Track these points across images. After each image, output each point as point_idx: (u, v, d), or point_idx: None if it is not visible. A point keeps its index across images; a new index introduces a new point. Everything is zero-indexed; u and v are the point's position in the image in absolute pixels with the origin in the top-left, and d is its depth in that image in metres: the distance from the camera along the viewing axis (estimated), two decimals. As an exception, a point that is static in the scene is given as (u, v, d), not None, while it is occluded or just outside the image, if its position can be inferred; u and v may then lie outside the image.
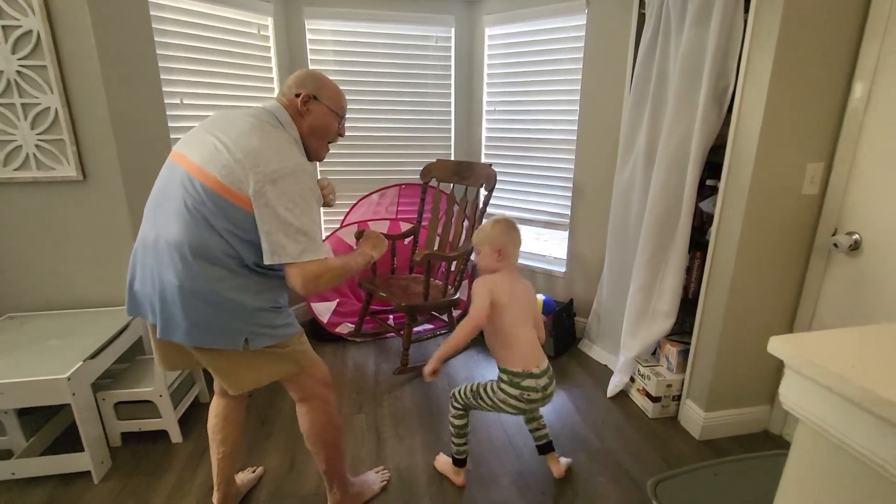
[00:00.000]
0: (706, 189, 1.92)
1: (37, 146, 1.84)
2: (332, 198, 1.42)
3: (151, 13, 1.99)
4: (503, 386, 1.46)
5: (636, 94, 2.07)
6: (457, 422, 1.60)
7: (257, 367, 1.21)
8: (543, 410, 2.07)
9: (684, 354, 1.96)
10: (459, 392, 1.58)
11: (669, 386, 1.97)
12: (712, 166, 1.86)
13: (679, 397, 1.99)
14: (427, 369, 1.45)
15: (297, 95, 1.22)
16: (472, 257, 1.54)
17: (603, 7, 2.27)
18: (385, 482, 1.64)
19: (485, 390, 1.51)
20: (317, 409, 1.34)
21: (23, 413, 1.74)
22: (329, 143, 1.32)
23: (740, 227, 1.66)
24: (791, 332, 1.82)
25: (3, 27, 1.72)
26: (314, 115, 1.24)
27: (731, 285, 1.72)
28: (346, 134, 2.69)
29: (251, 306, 1.13)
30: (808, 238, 1.73)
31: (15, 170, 1.85)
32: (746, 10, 1.59)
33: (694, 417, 1.91)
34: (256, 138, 1.09)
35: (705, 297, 1.83)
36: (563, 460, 1.71)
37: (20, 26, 1.72)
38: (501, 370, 1.48)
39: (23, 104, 1.80)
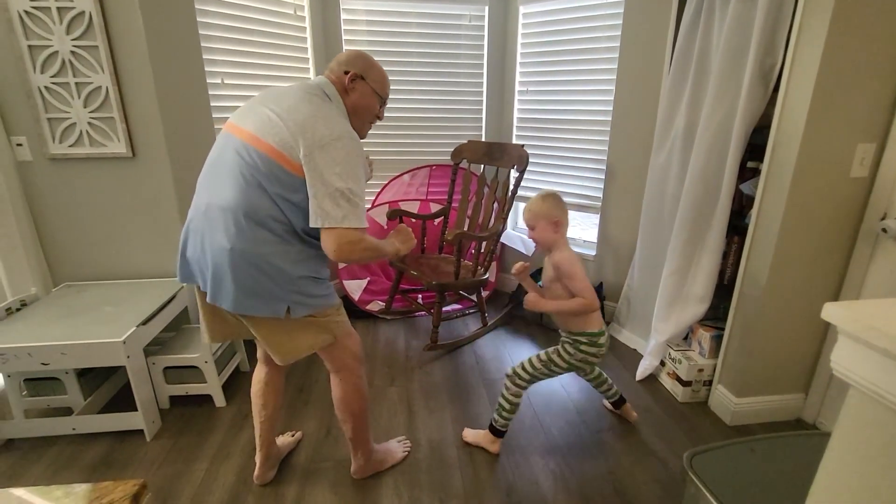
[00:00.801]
0: (747, 171, 1.87)
1: (89, 123, 1.94)
2: (371, 170, 1.46)
3: (195, -6, 2.04)
4: (583, 347, 1.55)
5: (676, 73, 2.02)
6: (514, 399, 1.65)
7: (298, 336, 1.27)
8: (574, 385, 2.09)
9: (717, 339, 1.94)
10: (523, 368, 1.63)
11: (701, 370, 1.96)
12: (754, 147, 1.80)
13: (710, 382, 1.98)
14: (521, 268, 1.60)
15: (346, 73, 1.26)
16: (527, 234, 1.58)
17: (643, -18, 2.20)
18: (407, 451, 1.70)
19: (558, 356, 1.59)
20: (346, 381, 1.40)
21: (81, 374, 1.86)
22: (370, 122, 1.36)
23: (783, 211, 1.61)
24: (831, 318, 1.78)
25: (59, 8, 1.80)
26: (359, 93, 1.28)
27: (770, 270, 1.68)
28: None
29: (294, 274, 1.18)
30: (854, 222, 1.67)
31: (70, 146, 1.95)
32: (799, -17, 1.53)
33: (725, 403, 1.89)
34: (306, 108, 1.14)
35: (742, 282, 1.80)
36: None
37: (73, 7, 1.80)
38: (579, 334, 1.55)
39: (76, 83, 1.88)
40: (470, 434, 1.77)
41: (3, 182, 1.87)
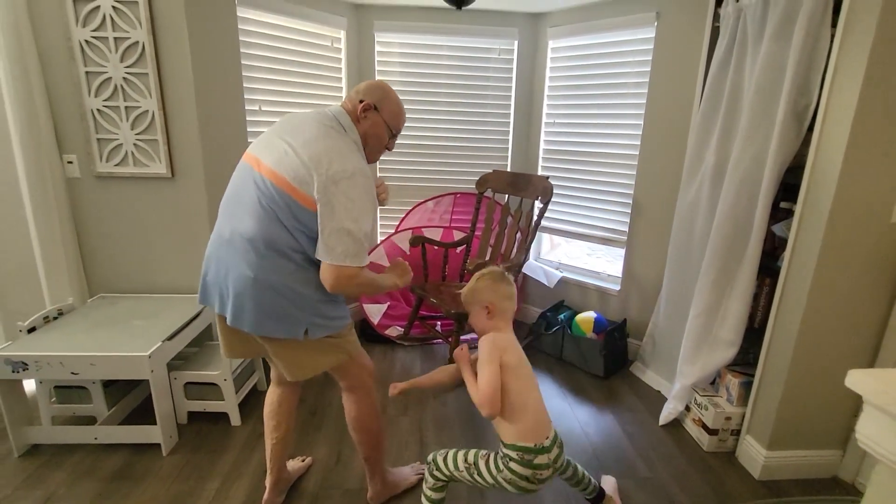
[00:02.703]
0: (780, 211, 1.81)
1: (135, 145, 2.05)
2: (385, 196, 1.46)
3: (239, 27, 2.17)
4: (511, 465, 1.23)
5: (706, 110, 1.99)
6: (434, 495, 1.37)
7: (314, 356, 1.30)
8: (592, 426, 2.01)
9: (747, 386, 1.85)
10: (443, 460, 1.34)
11: (728, 419, 1.86)
12: (787, 187, 1.75)
13: (738, 432, 1.88)
14: (399, 386, 1.36)
15: (361, 102, 1.29)
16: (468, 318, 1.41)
17: (673, 21, 2.21)
18: (420, 475, 1.67)
19: (486, 465, 1.28)
20: (362, 399, 1.42)
21: (106, 385, 1.92)
22: (380, 151, 1.37)
23: (817, 254, 1.55)
24: (872, 371, 1.67)
25: (116, 38, 1.94)
26: (370, 123, 1.30)
27: (803, 316, 1.60)
28: (406, 141, 2.81)
29: (313, 298, 1.22)
30: (895, 270, 1.58)
31: (115, 165, 2.07)
32: (834, 25, 1.50)
33: (754, 455, 1.78)
34: (321, 143, 1.17)
35: (773, 326, 1.72)
36: (609, 481, 1.65)
37: (129, 37, 1.94)
38: (509, 447, 1.23)
39: (126, 107, 2.01)
40: None
41: (53, 196, 2.00)
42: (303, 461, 1.74)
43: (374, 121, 1.30)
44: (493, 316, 1.31)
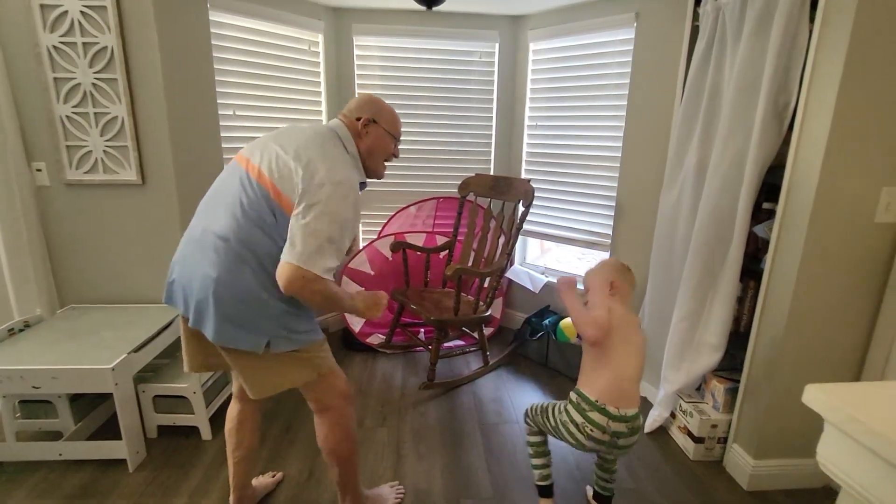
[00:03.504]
0: (762, 212, 1.76)
1: (104, 151, 2.01)
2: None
3: (212, 31, 2.13)
4: (568, 407, 1.35)
5: (686, 110, 1.95)
6: (531, 438, 1.52)
7: (277, 371, 1.22)
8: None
9: (732, 392, 1.79)
10: (531, 409, 1.52)
11: (714, 426, 1.80)
12: (769, 188, 1.70)
13: (725, 440, 1.82)
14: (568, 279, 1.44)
15: (358, 119, 1.30)
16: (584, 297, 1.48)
17: (653, 21, 2.17)
18: (399, 498, 1.60)
19: (552, 409, 1.42)
20: (333, 422, 1.34)
21: (74, 398, 1.86)
22: (385, 161, 1.39)
23: (800, 255, 1.50)
24: (859, 376, 1.62)
25: (84, 44, 1.90)
26: (372, 136, 1.31)
27: (788, 320, 1.55)
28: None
29: (278, 308, 1.15)
30: (881, 271, 1.53)
31: (85, 173, 2.03)
32: (812, 20, 1.46)
33: (741, 464, 1.72)
34: (314, 150, 1.16)
35: (758, 330, 1.67)
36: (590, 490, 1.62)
37: (98, 43, 1.90)
38: (575, 391, 1.36)
39: (95, 113, 1.97)
40: None
41: (20, 206, 1.95)
42: (273, 476, 1.68)
43: (376, 133, 1.32)
44: (615, 293, 1.40)
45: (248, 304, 1.12)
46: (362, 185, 1.31)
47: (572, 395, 1.35)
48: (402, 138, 2.76)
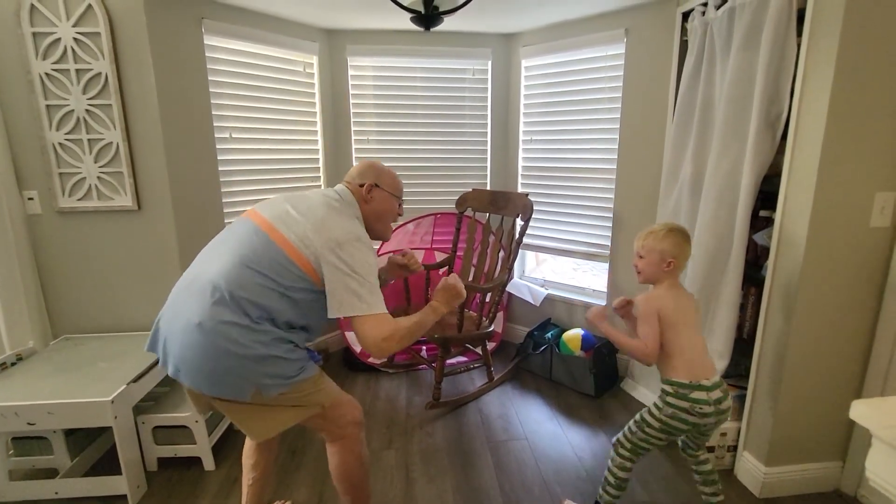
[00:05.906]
0: (760, 220, 1.80)
1: (98, 178, 1.98)
2: (417, 266, 1.56)
3: (207, 54, 2.13)
4: (669, 399, 1.35)
5: (680, 122, 2.00)
6: (619, 473, 1.47)
7: (271, 415, 1.19)
8: (586, 450, 1.95)
9: (740, 400, 1.80)
10: (624, 434, 1.46)
11: (724, 435, 1.80)
12: (766, 196, 1.74)
13: (735, 448, 1.82)
14: (598, 311, 1.49)
15: (361, 186, 1.35)
16: (633, 261, 1.47)
17: (642, 36, 2.23)
18: None
19: (649, 414, 1.39)
20: (345, 451, 1.31)
21: (69, 433, 1.80)
22: (392, 221, 1.43)
23: (801, 262, 1.52)
24: (863, 376, 1.64)
25: (77, 70, 1.88)
26: (377, 200, 1.36)
27: (791, 325, 1.57)
28: (385, 164, 2.76)
29: (261, 353, 1.11)
30: (879, 275, 1.57)
31: (79, 200, 1.99)
32: (799, 34, 1.51)
33: (752, 472, 1.72)
34: (324, 210, 1.22)
35: (762, 337, 1.69)
36: None
37: (91, 69, 1.89)
38: (665, 381, 1.37)
39: (89, 139, 1.94)
40: None
41: (12, 235, 1.90)
42: (282, 505, 1.63)
43: (381, 196, 1.36)
44: (671, 271, 1.39)
45: (229, 353, 1.08)
46: None
47: (666, 387, 1.37)
48: (399, 155, 2.81)
